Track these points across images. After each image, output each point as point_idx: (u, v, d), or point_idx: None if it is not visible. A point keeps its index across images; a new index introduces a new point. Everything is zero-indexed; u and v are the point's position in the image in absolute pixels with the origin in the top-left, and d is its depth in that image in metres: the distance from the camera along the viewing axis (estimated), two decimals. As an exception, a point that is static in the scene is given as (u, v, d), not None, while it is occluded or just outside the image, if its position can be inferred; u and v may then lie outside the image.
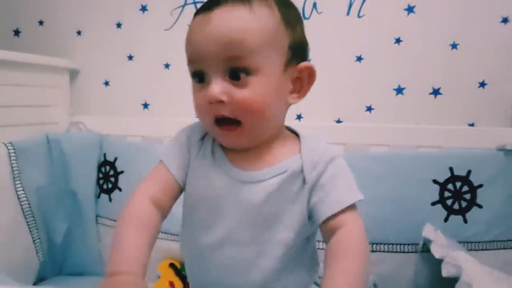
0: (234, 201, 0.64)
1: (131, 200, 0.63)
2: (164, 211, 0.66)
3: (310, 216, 0.64)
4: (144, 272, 0.56)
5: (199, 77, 0.62)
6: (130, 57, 1.41)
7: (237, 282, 0.64)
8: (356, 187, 0.64)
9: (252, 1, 0.60)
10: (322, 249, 0.66)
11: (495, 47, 1.21)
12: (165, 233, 1.14)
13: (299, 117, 1.31)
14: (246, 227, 0.63)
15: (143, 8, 1.38)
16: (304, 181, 0.63)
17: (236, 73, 0.59)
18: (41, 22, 1.46)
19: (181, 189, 0.68)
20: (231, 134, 0.62)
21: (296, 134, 0.71)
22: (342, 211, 0.60)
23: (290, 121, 1.25)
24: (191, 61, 0.62)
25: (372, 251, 1.09)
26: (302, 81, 0.65)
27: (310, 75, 0.65)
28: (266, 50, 0.59)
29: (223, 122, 0.61)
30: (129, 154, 1.26)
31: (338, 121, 1.30)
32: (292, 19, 0.63)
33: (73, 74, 1.44)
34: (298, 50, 0.65)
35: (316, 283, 0.88)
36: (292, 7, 0.65)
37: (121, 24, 1.41)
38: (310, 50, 0.70)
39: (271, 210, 0.63)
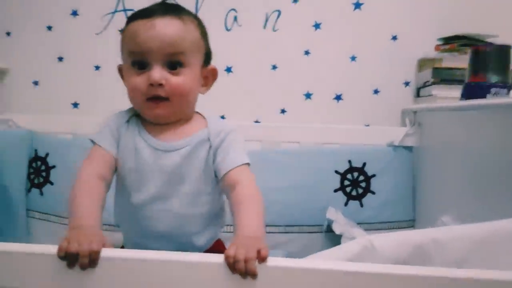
0: (158, 166, 0.82)
1: (78, 178, 0.77)
2: (107, 181, 0.81)
3: (216, 174, 0.83)
4: (99, 225, 0.70)
5: (140, 65, 0.79)
6: (61, 59, 1.48)
7: (159, 228, 0.83)
8: (245, 153, 0.83)
9: (182, 16, 0.81)
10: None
11: (386, 60, 1.45)
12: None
13: (222, 117, 1.46)
14: (167, 185, 0.82)
15: (74, 13, 1.46)
16: (210, 146, 0.84)
17: (174, 65, 0.80)
18: (-33, 22, 1.48)
19: (116, 161, 0.84)
20: (159, 106, 0.81)
21: (203, 116, 0.90)
22: (237, 168, 0.80)
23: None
24: (134, 53, 0.80)
25: (285, 232, 1.26)
26: (209, 78, 0.88)
27: (214, 74, 0.88)
28: (194, 51, 0.82)
29: (154, 99, 0.80)
30: (60, 150, 1.33)
31: (256, 121, 1.47)
32: (205, 33, 0.86)
33: (1, 74, 1.47)
34: (208, 56, 0.87)
35: None
36: (204, 25, 0.87)
37: (51, 27, 1.47)
38: (229, 58, 0.87)
39: (184, 170, 0.82)
